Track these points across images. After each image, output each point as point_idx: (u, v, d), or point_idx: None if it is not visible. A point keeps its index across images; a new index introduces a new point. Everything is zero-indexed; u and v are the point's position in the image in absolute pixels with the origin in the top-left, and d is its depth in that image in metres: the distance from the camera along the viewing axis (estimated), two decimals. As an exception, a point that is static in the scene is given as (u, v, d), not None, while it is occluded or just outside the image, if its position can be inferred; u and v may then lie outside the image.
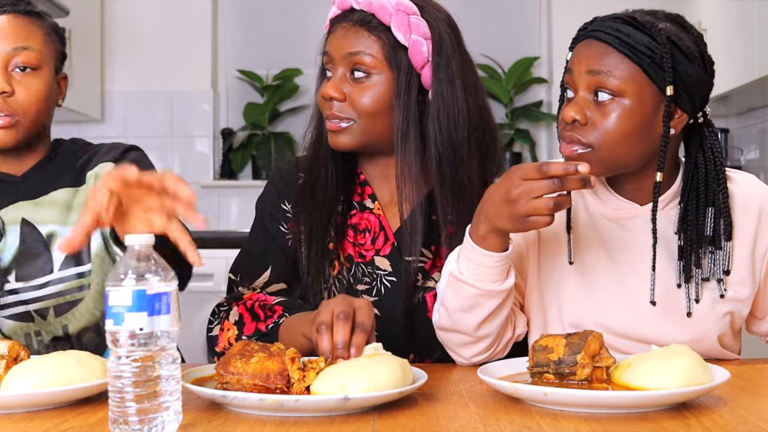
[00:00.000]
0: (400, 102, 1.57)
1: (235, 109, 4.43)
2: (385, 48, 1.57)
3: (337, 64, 1.59)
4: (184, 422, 1.10)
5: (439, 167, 1.59)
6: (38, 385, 1.16)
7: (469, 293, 1.39)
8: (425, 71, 1.58)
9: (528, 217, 1.29)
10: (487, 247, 1.36)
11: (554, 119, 4.26)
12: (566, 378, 1.21)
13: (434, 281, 1.62)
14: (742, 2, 3.27)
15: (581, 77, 1.40)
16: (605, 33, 1.39)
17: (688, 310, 1.46)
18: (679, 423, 1.07)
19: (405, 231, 1.61)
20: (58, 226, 1.62)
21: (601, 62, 1.38)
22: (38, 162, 1.66)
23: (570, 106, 1.40)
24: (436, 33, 1.59)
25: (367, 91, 1.57)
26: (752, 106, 3.81)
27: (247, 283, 1.63)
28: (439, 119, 1.58)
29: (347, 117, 1.58)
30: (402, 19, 1.56)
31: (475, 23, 4.32)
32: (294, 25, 4.25)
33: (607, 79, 1.37)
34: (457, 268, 1.40)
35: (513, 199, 1.29)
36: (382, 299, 1.61)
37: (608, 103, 1.37)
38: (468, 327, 1.42)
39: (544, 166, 1.28)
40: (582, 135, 1.39)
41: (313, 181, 1.65)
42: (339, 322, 1.29)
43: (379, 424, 1.09)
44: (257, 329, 1.52)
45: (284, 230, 1.65)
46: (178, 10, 4.23)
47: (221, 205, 4.22)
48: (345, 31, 1.58)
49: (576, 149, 1.39)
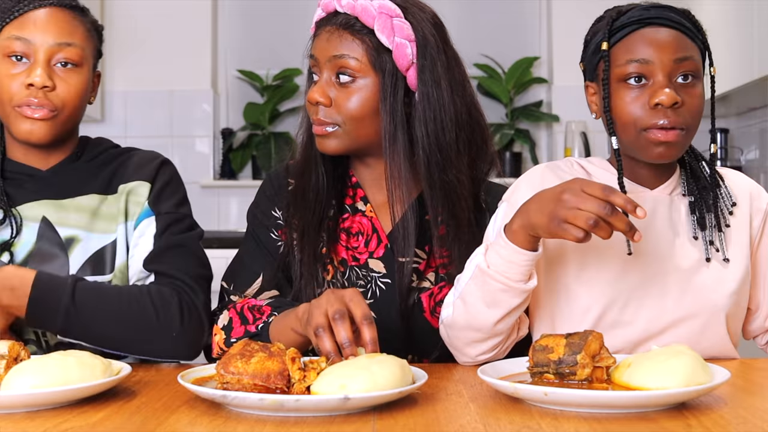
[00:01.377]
0: (386, 106, 1.57)
1: (235, 109, 4.43)
2: (369, 51, 1.56)
3: (323, 68, 1.59)
4: (185, 422, 1.10)
5: (427, 169, 1.59)
6: (38, 385, 1.16)
7: (493, 287, 1.40)
8: (410, 73, 1.58)
9: (564, 223, 1.29)
10: (516, 241, 1.37)
11: (554, 119, 4.27)
12: (566, 378, 1.21)
13: (429, 282, 1.62)
14: (742, 2, 3.27)
15: (667, 64, 1.44)
16: (669, 21, 1.46)
17: (707, 255, 1.49)
18: (679, 423, 1.07)
19: (398, 232, 1.61)
20: (82, 231, 1.59)
21: (684, 49, 1.45)
22: (65, 159, 1.63)
23: (661, 91, 1.43)
24: (420, 34, 1.58)
25: (353, 96, 1.57)
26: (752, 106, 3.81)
27: (239, 291, 1.63)
28: (426, 121, 1.58)
29: (333, 122, 1.58)
30: (385, 21, 1.56)
31: (475, 23, 4.32)
32: (294, 25, 4.25)
33: (692, 63, 1.45)
34: (485, 262, 1.41)
35: (562, 200, 1.30)
36: (377, 301, 1.61)
37: (692, 87, 1.45)
38: (485, 322, 1.43)
39: (609, 189, 1.29)
40: (680, 118, 1.44)
41: (304, 186, 1.65)
42: (337, 322, 1.29)
43: (379, 424, 1.09)
44: (246, 331, 1.53)
45: (275, 237, 1.65)
46: (178, 10, 4.23)
47: (221, 205, 4.22)
48: (329, 34, 1.58)
49: (672, 135, 1.43)
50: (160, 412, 1.15)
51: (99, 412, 1.16)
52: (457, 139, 1.60)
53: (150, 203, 1.61)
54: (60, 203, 1.60)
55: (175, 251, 1.58)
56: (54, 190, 1.61)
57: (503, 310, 1.41)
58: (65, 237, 1.58)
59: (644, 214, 1.28)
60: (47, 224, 1.58)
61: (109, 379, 1.22)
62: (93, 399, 1.21)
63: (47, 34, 1.54)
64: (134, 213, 1.61)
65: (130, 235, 1.61)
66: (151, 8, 4.19)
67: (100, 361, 1.24)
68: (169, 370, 1.44)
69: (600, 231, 1.28)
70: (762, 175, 3.72)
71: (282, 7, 4.34)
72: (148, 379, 1.37)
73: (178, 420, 1.12)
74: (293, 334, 1.42)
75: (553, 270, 1.53)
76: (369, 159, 1.66)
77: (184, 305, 1.52)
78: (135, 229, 1.61)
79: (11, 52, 1.54)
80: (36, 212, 1.59)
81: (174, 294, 1.52)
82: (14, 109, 1.54)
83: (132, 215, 1.61)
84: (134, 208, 1.62)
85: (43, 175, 1.62)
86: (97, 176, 1.64)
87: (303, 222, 1.62)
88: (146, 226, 1.60)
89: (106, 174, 1.64)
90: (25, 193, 1.60)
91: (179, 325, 1.49)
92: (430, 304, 1.60)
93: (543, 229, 1.33)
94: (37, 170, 1.62)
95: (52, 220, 1.59)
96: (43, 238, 1.58)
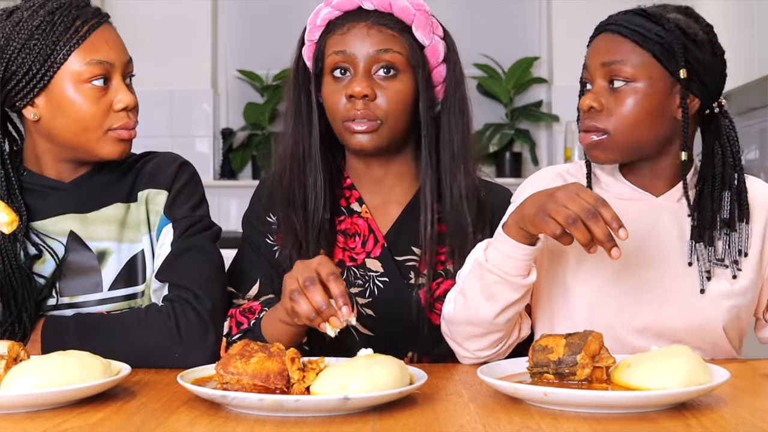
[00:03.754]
0: (425, 101, 1.59)
1: (235, 109, 4.43)
2: (409, 48, 1.57)
3: (362, 64, 1.56)
4: (185, 422, 1.10)
5: (447, 168, 1.61)
6: (38, 385, 1.16)
7: (491, 280, 1.40)
8: (437, 71, 1.61)
9: (546, 216, 1.30)
10: (511, 234, 1.38)
11: (554, 119, 4.27)
12: (566, 378, 1.21)
13: (427, 279, 1.62)
14: (742, 2, 3.28)
15: (597, 69, 1.46)
16: (616, 25, 1.46)
17: (701, 287, 1.48)
18: (679, 423, 1.07)
19: (396, 231, 1.63)
20: (113, 242, 1.57)
21: (614, 53, 1.45)
22: (88, 171, 1.59)
23: (586, 96, 1.46)
24: (447, 33, 1.63)
25: (397, 91, 1.57)
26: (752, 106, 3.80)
27: (239, 297, 1.63)
28: (450, 118, 1.61)
29: (377, 117, 1.57)
30: (425, 19, 1.58)
31: (475, 23, 4.32)
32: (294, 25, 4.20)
33: (620, 68, 1.44)
34: (483, 256, 1.42)
35: (554, 196, 1.31)
36: (376, 300, 1.61)
37: (622, 89, 1.44)
38: (484, 315, 1.43)
39: (602, 201, 1.29)
40: (599, 121, 1.45)
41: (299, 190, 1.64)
42: (309, 288, 1.28)
43: (379, 424, 1.09)
44: (241, 331, 1.54)
45: (271, 242, 1.65)
46: (178, 10, 4.23)
47: (221, 205, 4.22)
48: (368, 29, 1.57)
49: (593, 137, 1.45)
50: (160, 413, 1.15)
51: (99, 412, 1.16)
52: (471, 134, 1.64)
53: (165, 211, 1.59)
54: (86, 217, 1.57)
55: (185, 256, 1.55)
56: (78, 203, 1.58)
57: (501, 303, 1.41)
58: (97, 251, 1.56)
59: (626, 235, 1.28)
60: (75, 238, 1.56)
61: (109, 380, 1.22)
62: (93, 399, 1.21)
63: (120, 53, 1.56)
64: (154, 223, 1.60)
65: (155, 245, 1.60)
66: (151, 8, 4.19)
67: (99, 362, 1.24)
68: (168, 371, 1.44)
69: (576, 231, 1.28)
70: (762, 175, 3.72)
71: (282, 7, 4.34)
72: (148, 379, 1.37)
73: (178, 420, 1.12)
74: (282, 325, 1.43)
75: (552, 268, 1.53)
76: (373, 159, 1.65)
77: (181, 322, 1.48)
78: (157, 240, 1.59)
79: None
80: (62, 226, 1.56)
81: (171, 312, 1.48)
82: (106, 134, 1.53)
83: (153, 225, 1.60)
84: (154, 217, 1.60)
85: (66, 188, 1.58)
86: (119, 185, 1.61)
87: (299, 226, 1.62)
88: (165, 234, 1.58)
89: (128, 181, 1.62)
90: (48, 207, 1.56)
91: (179, 342, 1.46)
92: (428, 301, 1.61)
93: (529, 221, 1.34)
94: (60, 182, 1.58)
95: (80, 234, 1.56)
96: (71, 253, 1.55)
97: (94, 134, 1.51)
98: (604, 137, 1.45)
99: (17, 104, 1.51)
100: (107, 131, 1.52)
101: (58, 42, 1.48)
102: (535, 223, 1.33)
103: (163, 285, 1.54)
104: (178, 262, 1.54)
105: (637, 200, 1.53)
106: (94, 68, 1.49)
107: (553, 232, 1.30)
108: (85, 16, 1.51)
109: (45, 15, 1.48)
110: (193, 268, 1.54)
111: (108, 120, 1.52)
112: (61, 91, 1.49)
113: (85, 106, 1.50)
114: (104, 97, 1.51)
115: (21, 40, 1.47)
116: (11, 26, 1.48)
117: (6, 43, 1.47)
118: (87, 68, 1.49)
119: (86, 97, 1.50)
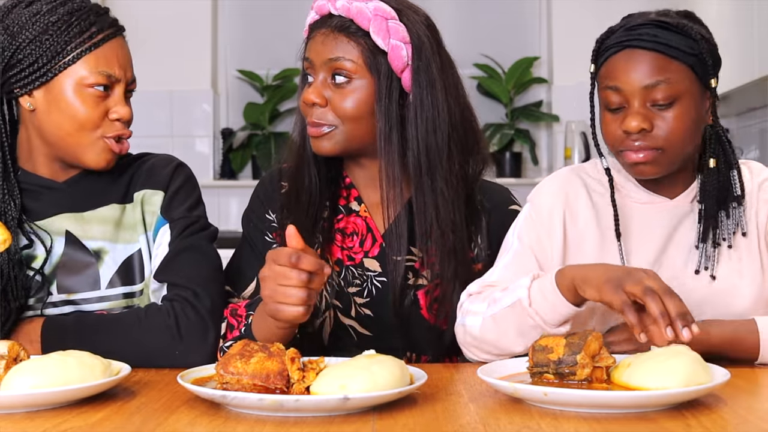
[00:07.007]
0: (381, 107, 1.57)
1: (235, 109, 4.44)
2: (364, 53, 1.57)
3: (318, 70, 1.59)
4: (185, 422, 1.10)
5: (416, 170, 1.60)
6: (38, 385, 1.16)
7: (529, 324, 1.40)
8: (405, 75, 1.59)
9: (621, 289, 1.27)
10: (561, 288, 1.37)
11: (554, 119, 4.27)
12: (566, 378, 1.21)
13: (426, 279, 1.62)
14: (742, 2, 3.27)
15: (637, 92, 1.45)
16: (646, 41, 1.44)
17: (712, 272, 1.50)
18: (679, 423, 1.07)
19: (392, 232, 1.62)
20: (108, 243, 1.57)
21: (656, 72, 1.44)
22: (82, 170, 1.59)
23: (632, 117, 1.45)
24: (414, 37, 1.59)
25: (349, 96, 1.57)
26: (752, 106, 3.81)
27: (236, 296, 1.63)
28: (418, 123, 1.59)
29: (329, 123, 1.58)
30: (380, 24, 1.56)
31: (475, 23, 4.32)
32: (294, 25, 4.22)
33: (666, 87, 1.44)
34: (528, 298, 1.40)
35: (631, 275, 1.28)
36: (374, 299, 1.61)
37: (669, 108, 1.45)
38: (510, 348, 1.44)
39: (671, 293, 1.25)
40: (650, 140, 1.45)
41: (298, 188, 1.65)
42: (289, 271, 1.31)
43: (379, 424, 1.09)
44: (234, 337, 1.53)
45: (270, 240, 1.65)
46: (178, 10, 4.23)
47: (221, 205, 4.23)
48: (324, 37, 1.59)
49: (641, 154, 1.45)
50: (160, 413, 1.15)
51: (99, 412, 1.16)
52: (449, 140, 1.61)
53: (162, 212, 1.59)
54: (81, 216, 1.58)
55: (183, 256, 1.55)
56: (73, 203, 1.58)
57: (530, 341, 1.40)
58: (92, 249, 1.56)
59: (690, 336, 1.22)
60: (72, 238, 1.56)
61: (109, 380, 1.22)
62: (93, 399, 1.21)
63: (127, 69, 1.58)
64: (150, 223, 1.60)
65: (152, 245, 1.60)
66: (151, 8, 4.19)
67: (99, 362, 1.24)
68: (168, 370, 1.44)
69: (651, 301, 1.24)
70: (762, 175, 3.72)
71: (282, 7, 4.34)
72: (148, 379, 1.37)
73: (177, 420, 1.12)
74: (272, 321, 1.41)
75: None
76: (363, 159, 1.66)
77: (181, 320, 1.48)
78: (154, 240, 1.60)
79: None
80: (59, 226, 1.56)
81: (171, 311, 1.49)
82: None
83: (149, 225, 1.60)
84: (150, 218, 1.60)
85: (60, 187, 1.58)
86: (115, 186, 1.61)
87: (297, 224, 1.62)
88: (162, 235, 1.58)
89: (123, 182, 1.62)
90: (43, 206, 1.57)
91: (179, 341, 1.46)
92: (426, 301, 1.61)
93: (594, 287, 1.31)
94: (54, 182, 1.58)
95: (76, 234, 1.56)
96: (71, 252, 1.55)
97: (87, 137, 1.52)
98: (657, 153, 1.46)
99: (15, 92, 1.52)
100: (100, 137, 1.53)
101: (70, 43, 1.49)
102: (601, 290, 1.30)
103: (161, 285, 1.55)
104: (176, 262, 1.55)
105: (653, 203, 1.55)
106: (98, 77, 1.51)
107: (620, 305, 1.26)
108: (102, 24, 1.53)
109: (64, 14, 1.50)
110: (191, 268, 1.54)
111: (102, 126, 1.53)
112: (61, 89, 1.50)
113: (81, 108, 1.51)
114: (102, 103, 1.52)
115: (35, 31, 1.49)
116: (28, 16, 1.50)
117: (19, 31, 1.49)
118: (92, 76, 1.51)
119: (84, 100, 1.51)
